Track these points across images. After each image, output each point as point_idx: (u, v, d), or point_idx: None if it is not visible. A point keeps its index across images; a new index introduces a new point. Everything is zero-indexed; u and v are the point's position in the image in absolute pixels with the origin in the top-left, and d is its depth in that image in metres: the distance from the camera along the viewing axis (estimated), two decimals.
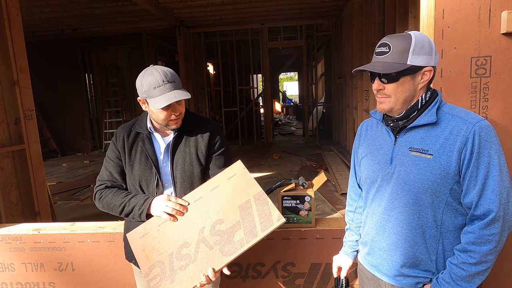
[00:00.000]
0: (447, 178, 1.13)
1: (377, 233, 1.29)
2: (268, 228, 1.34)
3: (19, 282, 2.08)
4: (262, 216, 1.37)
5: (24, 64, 3.06)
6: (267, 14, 8.07)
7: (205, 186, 1.48)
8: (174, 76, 1.45)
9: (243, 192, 1.43)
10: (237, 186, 1.44)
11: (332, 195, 5.13)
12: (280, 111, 20.29)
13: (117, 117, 10.14)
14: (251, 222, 1.37)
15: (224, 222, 1.39)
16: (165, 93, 1.40)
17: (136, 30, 8.83)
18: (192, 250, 1.38)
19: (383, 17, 5.00)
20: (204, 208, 1.43)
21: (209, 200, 1.44)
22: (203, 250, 1.37)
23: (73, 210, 5.10)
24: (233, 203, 1.42)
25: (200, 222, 1.41)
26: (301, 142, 10.38)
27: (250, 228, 1.36)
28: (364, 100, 5.93)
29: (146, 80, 1.42)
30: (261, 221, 1.36)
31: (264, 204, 1.39)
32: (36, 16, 7.10)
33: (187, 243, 1.39)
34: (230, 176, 1.46)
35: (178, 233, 1.41)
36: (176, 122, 1.49)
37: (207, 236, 1.38)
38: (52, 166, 8.44)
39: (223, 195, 1.44)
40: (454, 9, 1.54)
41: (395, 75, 1.15)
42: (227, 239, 1.36)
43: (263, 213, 1.37)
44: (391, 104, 1.20)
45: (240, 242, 1.35)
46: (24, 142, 3.03)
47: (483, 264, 1.12)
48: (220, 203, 1.42)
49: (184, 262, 1.37)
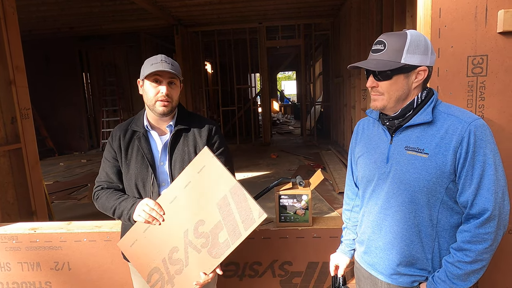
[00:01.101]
0: (442, 177, 1.14)
1: (374, 232, 1.29)
2: (251, 227, 1.29)
3: (15, 282, 2.07)
4: (242, 213, 1.30)
5: (21, 63, 3.04)
6: (265, 13, 8.07)
7: (177, 184, 1.40)
8: (175, 63, 1.50)
9: (218, 187, 1.34)
10: (210, 180, 1.35)
11: (330, 194, 5.14)
12: (278, 110, 20.29)
13: (114, 116, 10.11)
14: (233, 221, 1.31)
15: (206, 223, 1.35)
16: (157, 67, 1.43)
17: (134, 29, 8.80)
18: (182, 255, 1.36)
19: (381, 16, 5.01)
20: (182, 209, 1.38)
21: (184, 199, 1.38)
22: (192, 254, 1.36)
23: (70, 209, 5.08)
24: (211, 200, 1.35)
25: (182, 224, 1.37)
26: (299, 141, 10.38)
27: (233, 227, 1.31)
28: (362, 99, 5.94)
29: (148, 60, 1.48)
30: (242, 219, 1.30)
31: (242, 200, 1.30)
32: (33, 15, 7.06)
33: (175, 248, 1.38)
34: (200, 168, 1.37)
35: (165, 238, 1.40)
36: (163, 105, 1.46)
37: (192, 239, 1.36)
38: (49, 165, 8.41)
39: (197, 192, 1.37)
40: (451, 8, 1.54)
41: (388, 73, 1.16)
42: (212, 241, 1.33)
43: (243, 210, 1.30)
44: (384, 102, 1.20)
45: (225, 244, 1.32)
46: (21, 141, 3.01)
47: (478, 263, 1.13)
48: (197, 201, 1.36)
49: (178, 267, 1.37)
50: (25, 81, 3.09)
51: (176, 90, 1.52)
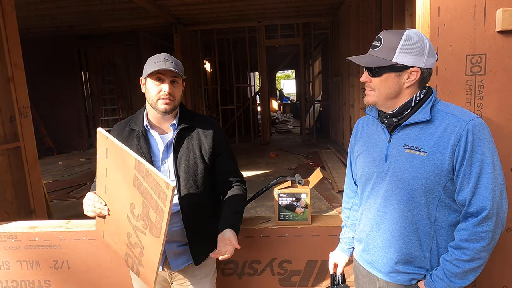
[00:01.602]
0: (440, 175, 1.14)
1: (372, 230, 1.30)
2: (166, 201, 1.21)
3: (14, 280, 2.07)
4: (154, 189, 1.24)
5: (19, 60, 3.04)
6: (264, 12, 8.06)
7: (99, 173, 1.41)
8: (178, 62, 1.50)
9: (127, 168, 1.30)
10: (118, 162, 1.33)
11: (329, 193, 5.15)
12: (277, 109, 20.29)
13: (113, 115, 10.10)
14: (152, 199, 1.27)
15: (136, 205, 1.33)
16: (160, 66, 1.43)
17: (133, 27, 8.79)
18: (136, 239, 1.37)
19: (380, 15, 5.01)
20: (115, 197, 1.39)
21: (112, 187, 1.39)
22: (142, 236, 1.34)
23: (69, 208, 5.08)
24: (128, 182, 1.31)
25: (122, 211, 1.38)
26: (298, 140, 10.39)
27: (155, 205, 1.26)
28: (361, 98, 5.94)
29: (151, 58, 1.48)
30: (157, 195, 1.24)
31: (148, 175, 1.23)
32: (32, 13, 7.04)
33: (129, 234, 1.39)
34: (105, 153, 1.35)
35: (118, 226, 1.42)
36: (166, 103, 1.46)
37: (135, 223, 1.35)
38: (48, 164, 8.40)
39: (116, 177, 1.35)
40: (450, 7, 1.54)
41: (379, 70, 1.17)
42: (147, 221, 1.30)
43: (153, 185, 1.24)
44: (374, 98, 1.22)
45: (157, 222, 1.27)
46: (19, 139, 3.01)
47: (476, 261, 1.13)
48: (121, 186, 1.35)
49: (138, 250, 1.38)
50: (24, 79, 3.08)
51: (179, 89, 1.52)
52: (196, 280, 1.58)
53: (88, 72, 10.31)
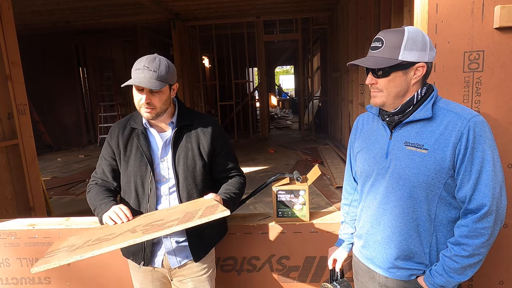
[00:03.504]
0: (441, 172, 1.15)
1: (372, 226, 1.31)
2: (206, 217, 1.25)
3: (14, 277, 2.08)
4: (206, 212, 1.29)
5: (17, 58, 3.02)
6: (262, 7, 8.02)
7: (164, 208, 1.49)
8: (162, 67, 1.42)
9: (197, 206, 1.39)
10: (195, 203, 1.44)
11: (327, 189, 5.16)
12: (276, 105, 20.27)
13: (112, 111, 10.08)
14: (189, 217, 1.29)
15: (164, 220, 1.34)
16: (139, 75, 1.40)
17: (131, 23, 8.73)
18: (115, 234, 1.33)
19: (379, 10, 4.99)
20: (149, 218, 1.41)
21: (158, 214, 1.42)
22: (126, 233, 1.31)
23: (68, 205, 5.09)
24: (182, 210, 1.38)
25: (138, 224, 1.37)
26: (297, 136, 10.39)
27: (187, 220, 1.27)
28: (360, 94, 5.94)
29: (136, 62, 1.46)
30: (202, 215, 1.28)
31: (214, 207, 1.32)
32: (29, 9, 6.98)
33: (113, 233, 1.34)
34: (193, 202, 1.46)
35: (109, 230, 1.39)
36: (146, 111, 1.46)
37: (135, 225, 1.34)
38: (47, 160, 8.40)
39: (175, 209, 1.42)
40: (448, 3, 1.54)
41: (386, 70, 1.16)
42: (157, 226, 1.28)
43: (209, 211, 1.30)
44: (383, 99, 1.21)
45: (166, 226, 1.26)
46: (18, 137, 3.00)
47: (475, 257, 1.15)
48: (168, 213, 1.40)
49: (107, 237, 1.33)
50: (22, 76, 3.07)
51: (160, 97, 1.45)
52: (195, 276, 1.59)
53: (86, 68, 10.26)
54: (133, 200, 1.55)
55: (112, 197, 1.56)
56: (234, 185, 1.63)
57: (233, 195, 1.58)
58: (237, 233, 1.93)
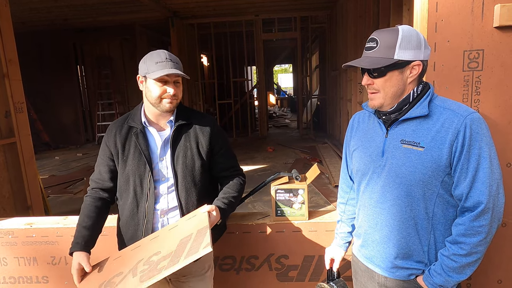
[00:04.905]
0: (438, 170, 1.15)
1: (370, 226, 1.30)
2: (191, 256, 1.23)
3: (12, 277, 2.07)
4: (193, 245, 1.27)
5: (14, 56, 3.00)
6: (261, 5, 8.00)
7: (166, 226, 1.48)
8: (178, 60, 1.50)
9: (191, 228, 1.37)
10: (191, 224, 1.40)
11: (326, 188, 5.16)
12: (274, 103, 20.25)
13: (110, 110, 10.04)
14: (180, 252, 1.28)
15: (161, 253, 1.33)
16: (165, 68, 1.42)
17: (129, 21, 8.69)
18: (119, 278, 1.34)
19: (378, 9, 4.98)
20: (155, 245, 1.40)
21: (163, 238, 1.41)
22: (128, 278, 1.32)
23: (66, 203, 5.07)
24: (178, 237, 1.36)
25: (143, 255, 1.37)
26: (296, 134, 10.39)
27: (176, 257, 1.27)
28: (358, 92, 5.94)
29: (151, 57, 1.46)
30: (188, 249, 1.26)
31: (203, 235, 1.28)
32: (26, 6, 6.94)
33: (121, 273, 1.36)
34: (191, 217, 1.43)
35: (119, 265, 1.41)
36: (170, 102, 1.47)
37: (140, 266, 1.34)
38: (45, 159, 8.37)
39: (177, 233, 1.40)
40: (448, 2, 1.54)
41: (382, 70, 1.16)
42: (153, 267, 1.29)
43: (196, 243, 1.27)
44: (381, 100, 1.21)
45: (159, 270, 1.26)
46: (15, 135, 2.98)
47: (473, 255, 1.14)
48: (168, 238, 1.39)
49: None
50: (19, 74, 3.05)
51: (180, 88, 1.52)
52: (194, 276, 1.59)
53: (84, 66, 10.21)
54: (131, 200, 1.54)
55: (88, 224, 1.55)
56: (233, 187, 1.63)
57: (232, 199, 1.58)
58: (236, 232, 1.93)
